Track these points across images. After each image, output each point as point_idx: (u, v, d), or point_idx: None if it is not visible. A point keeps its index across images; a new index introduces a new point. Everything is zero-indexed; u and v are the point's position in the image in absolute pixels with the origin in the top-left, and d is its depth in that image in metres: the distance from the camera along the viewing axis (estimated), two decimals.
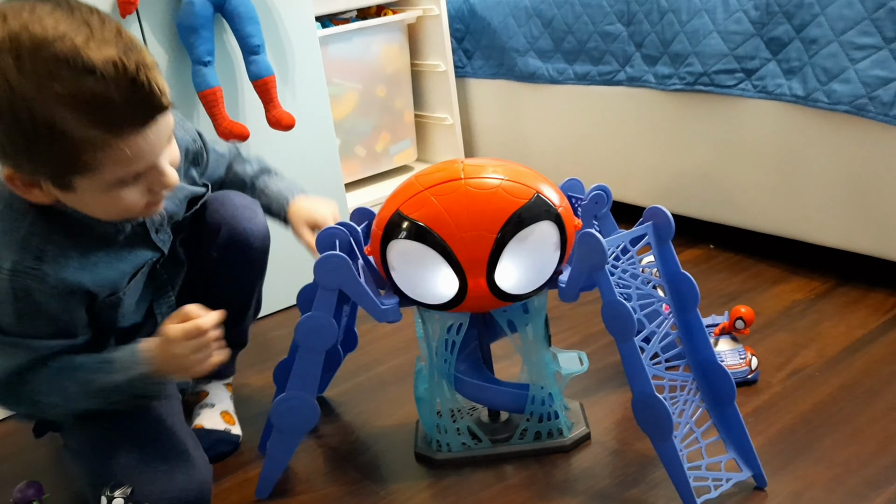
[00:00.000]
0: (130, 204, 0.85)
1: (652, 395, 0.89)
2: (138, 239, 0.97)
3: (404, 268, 0.99)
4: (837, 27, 1.32)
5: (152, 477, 0.92)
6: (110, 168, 0.80)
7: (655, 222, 0.95)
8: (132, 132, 0.78)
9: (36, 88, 0.73)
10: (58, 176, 0.81)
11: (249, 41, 1.40)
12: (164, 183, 0.86)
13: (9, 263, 0.85)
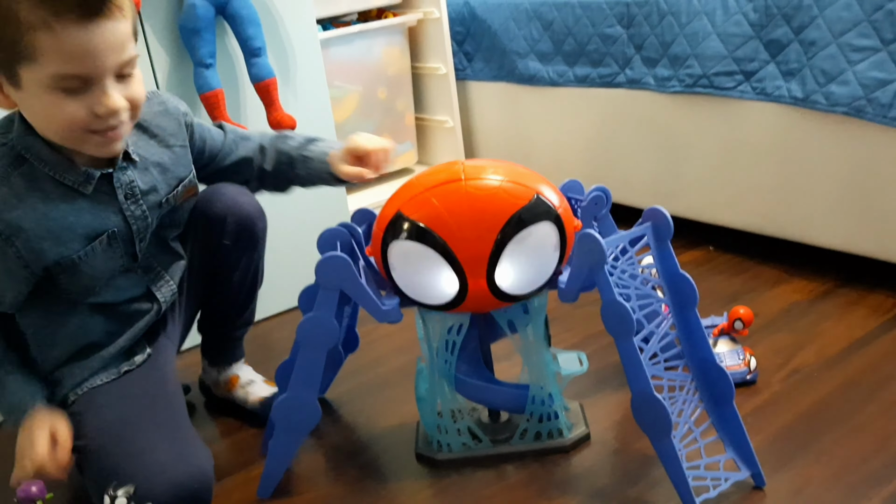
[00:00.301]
0: (69, 117, 0.87)
1: (651, 394, 0.89)
2: (105, 201, 0.98)
3: (405, 268, 0.99)
4: (836, 29, 1.33)
5: (154, 470, 0.93)
6: (50, 59, 0.83)
7: (654, 223, 0.95)
8: (72, 23, 0.82)
9: None
10: (7, 64, 0.85)
11: (251, 43, 1.41)
12: (106, 104, 0.87)
13: None
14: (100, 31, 0.84)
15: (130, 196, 0.99)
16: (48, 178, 0.93)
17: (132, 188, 0.99)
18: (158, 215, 1.05)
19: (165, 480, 0.91)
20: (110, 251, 1.00)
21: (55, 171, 0.93)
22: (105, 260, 1.00)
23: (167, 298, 1.11)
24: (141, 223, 1.01)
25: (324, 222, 1.51)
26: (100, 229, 0.97)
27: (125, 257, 1.02)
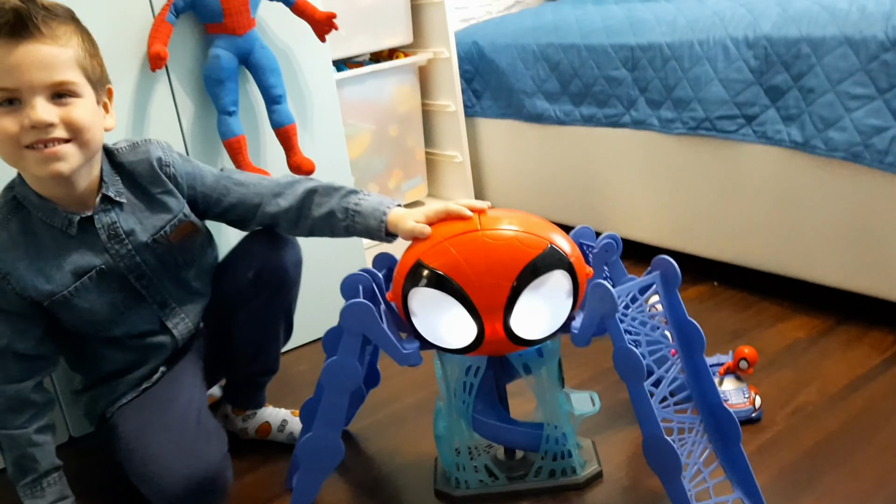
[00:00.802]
0: (5, 130, 0.96)
1: (661, 437, 0.94)
2: (89, 241, 1.08)
3: (425, 314, 1.04)
4: (833, 77, 1.39)
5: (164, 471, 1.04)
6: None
7: (663, 272, 1.00)
8: (3, 43, 0.94)
9: None
10: None
11: (272, 91, 1.47)
12: (31, 116, 0.95)
13: None
14: (24, 50, 0.95)
15: (114, 236, 1.10)
16: (40, 222, 1.06)
17: (114, 229, 1.09)
18: (154, 254, 1.13)
19: (175, 479, 1.03)
20: (104, 287, 1.10)
21: (45, 215, 1.06)
22: (100, 295, 1.10)
23: (183, 334, 1.20)
24: (128, 261, 1.11)
25: (339, 257, 1.57)
26: (86, 267, 1.08)
27: (123, 293, 1.12)
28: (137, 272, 1.13)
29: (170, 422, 1.11)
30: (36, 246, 1.06)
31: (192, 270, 1.19)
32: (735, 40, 1.54)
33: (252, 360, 1.28)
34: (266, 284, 1.20)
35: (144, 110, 1.41)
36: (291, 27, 1.54)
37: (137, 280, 1.13)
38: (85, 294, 1.09)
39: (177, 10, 1.37)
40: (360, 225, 1.11)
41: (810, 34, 1.42)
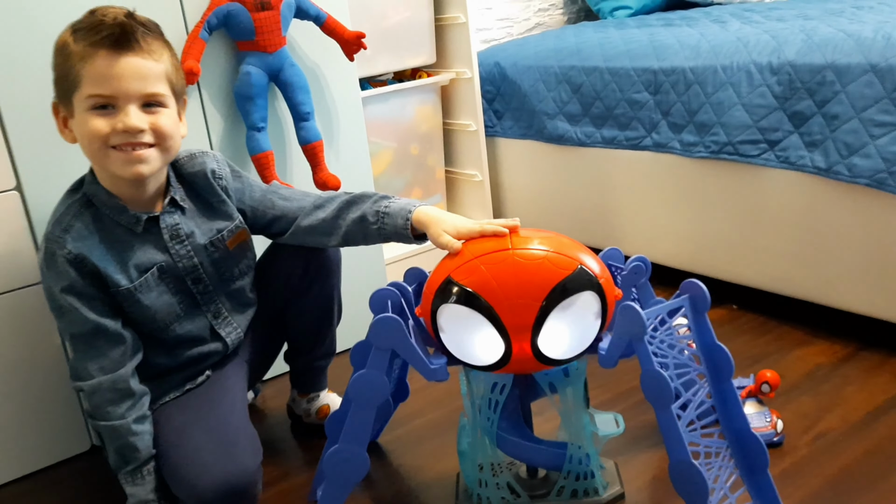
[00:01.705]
0: (97, 129, 1.05)
1: (688, 462, 0.94)
2: (152, 240, 1.16)
3: (453, 330, 1.05)
4: (858, 105, 1.40)
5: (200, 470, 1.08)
6: (87, 83, 1.04)
7: (692, 295, 1.01)
8: (105, 53, 1.04)
9: (69, 30, 1.07)
10: (65, 94, 1.07)
11: (300, 108, 1.50)
12: (125, 122, 1.05)
13: (47, 232, 1.12)
14: (128, 62, 1.05)
15: (175, 237, 1.17)
16: (109, 219, 1.13)
17: (176, 230, 1.17)
18: (210, 259, 1.20)
19: (209, 479, 1.06)
20: (163, 287, 1.17)
21: (113, 213, 1.13)
22: (159, 294, 1.17)
23: (234, 342, 1.27)
24: (187, 262, 1.18)
25: (362, 270, 1.58)
26: (148, 264, 1.15)
27: (180, 295, 1.19)
28: (195, 275, 1.20)
29: (211, 424, 1.14)
30: (107, 239, 1.13)
31: (246, 280, 1.27)
32: (759, 66, 1.56)
33: (312, 346, 1.39)
34: (316, 274, 1.29)
35: None
36: (320, 46, 1.56)
37: (194, 284, 1.20)
38: (146, 291, 1.15)
39: (210, 28, 1.39)
40: (388, 226, 1.16)
41: (835, 61, 1.43)
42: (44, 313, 1.34)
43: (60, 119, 1.11)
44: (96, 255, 1.11)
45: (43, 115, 1.29)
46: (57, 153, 1.31)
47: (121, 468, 1.13)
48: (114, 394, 1.12)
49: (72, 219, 1.12)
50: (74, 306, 1.11)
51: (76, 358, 1.14)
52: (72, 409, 1.41)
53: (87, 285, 1.11)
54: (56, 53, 1.08)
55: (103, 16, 1.06)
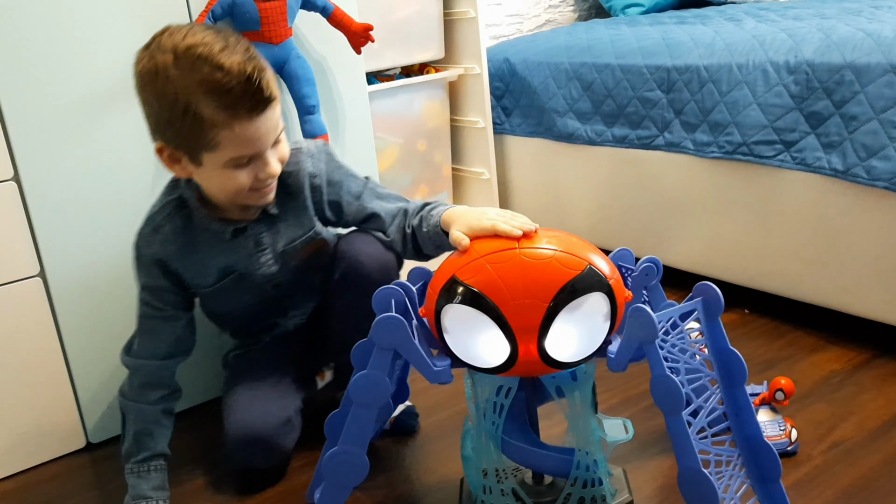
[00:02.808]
0: (239, 184, 1.09)
1: (698, 470, 0.91)
2: (237, 248, 1.21)
3: (458, 331, 1.02)
4: (878, 105, 1.36)
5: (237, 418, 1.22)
6: (228, 148, 1.05)
7: (705, 298, 0.98)
8: (246, 118, 1.04)
9: (183, 78, 1.01)
10: (192, 150, 1.07)
11: (305, 102, 1.47)
12: (267, 171, 1.10)
13: (140, 227, 1.19)
14: (265, 119, 1.06)
15: (258, 245, 1.22)
16: (199, 223, 1.18)
17: (260, 239, 1.22)
18: (285, 262, 1.24)
19: (238, 424, 1.20)
20: (240, 290, 1.24)
21: (205, 218, 1.18)
22: (237, 296, 1.25)
23: (295, 324, 1.35)
24: (266, 269, 1.23)
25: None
26: (229, 270, 1.22)
27: (257, 297, 1.26)
28: (274, 281, 1.25)
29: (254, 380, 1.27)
30: (193, 243, 1.18)
31: (320, 276, 1.29)
32: (775, 65, 1.52)
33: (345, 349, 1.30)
34: (349, 287, 1.23)
35: None
36: (327, 38, 1.54)
37: (273, 289, 1.26)
38: (223, 293, 1.23)
39: (214, 17, 1.36)
40: (431, 231, 1.17)
41: (854, 61, 1.39)
42: (41, 307, 1.32)
43: (166, 157, 1.10)
44: (180, 257, 1.18)
45: (42, 104, 1.27)
46: (55, 143, 1.29)
47: (131, 456, 1.17)
48: (153, 379, 1.20)
49: (163, 220, 1.18)
50: (149, 297, 1.19)
51: (135, 335, 1.21)
52: (67, 404, 1.39)
53: (165, 282, 1.19)
54: (168, 106, 1.03)
55: (226, 71, 1.01)
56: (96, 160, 1.34)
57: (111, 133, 1.34)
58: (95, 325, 1.38)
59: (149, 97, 1.05)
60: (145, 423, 1.18)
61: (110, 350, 1.39)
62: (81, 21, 1.29)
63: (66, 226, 1.32)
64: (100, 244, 1.36)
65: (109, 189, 1.36)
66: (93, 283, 1.36)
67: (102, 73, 1.32)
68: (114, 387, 1.40)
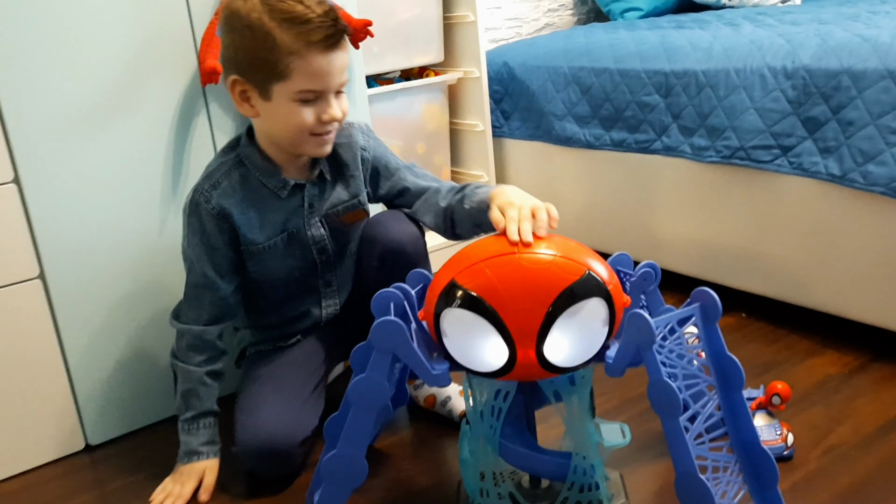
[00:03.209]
0: (303, 120, 1.15)
1: (695, 475, 0.91)
2: (292, 207, 1.26)
3: (456, 335, 1.02)
4: (874, 111, 1.37)
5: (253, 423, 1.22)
6: (298, 79, 1.12)
7: (703, 304, 0.98)
8: (319, 49, 1.11)
9: (268, 10, 1.10)
10: (264, 81, 1.13)
11: None
12: (330, 113, 1.16)
13: (197, 184, 1.23)
14: (336, 56, 1.14)
15: (311, 206, 1.27)
16: (257, 180, 1.23)
17: (313, 200, 1.27)
18: (330, 228, 1.30)
19: (257, 433, 1.19)
20: (290, 250, 1.28)
21: (263, 176, 1.23)
22: (284, 257, 1.28)
23: (328, 315, 1.37)
24: (315, 231, 1.29)
25: None
26: (282, 227, 1.26)
27: (303, 261, 1.30)
28: (320, 245, 1.30)
29: (281, 385, 1.26)
30: (251, 199, 1.23)
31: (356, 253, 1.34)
32: (773, 70, 1.53)
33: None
34: (390, 269, 1.25)
35: (177, 117, 1.41)
36: None
37: (319, 254, 1.30)
38: (274, 251, 1.26)
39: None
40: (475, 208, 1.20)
41: (851, 66, 1.40)
42: (40, 309, 1.32)
43: (238, 93, 1.17)
44: (237, 212, 1.22)
45: (42, 106, 1.28)
46: (56, 146, 1.30)
47: (181, 413, 1.24)
48: (198, 342, 1.24)
49: (221, 176, 1.22)
50: (200, 256, 1.22)
51: (183, 301, 1.26)
52: (66, 406, 1.39)
53: (219, 240, 1.22)
54: (249, 35, 1.11)
55: (307, 6, 1.10)
56: (97, 162, 1.34)
57: (111, 135, 1.35)
58: (95, 327, 1.38)
59: (232, 27, 1.13)
60: (192, 384, 1.24)
61: (109, 352, 1.40)
62: (82, 23, 1.29)
63: (66, 228, 1.33)
64: (100, 246, 1.36)
65: (109, 191, 1.36)
66: (92, 285, 1.36)
67: (103, 76, 1.32)
68: (113, 389, 1.42)
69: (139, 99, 1.36)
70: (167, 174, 1.41)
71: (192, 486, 1.23)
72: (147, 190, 1.39)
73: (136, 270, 1.41)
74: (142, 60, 1.35)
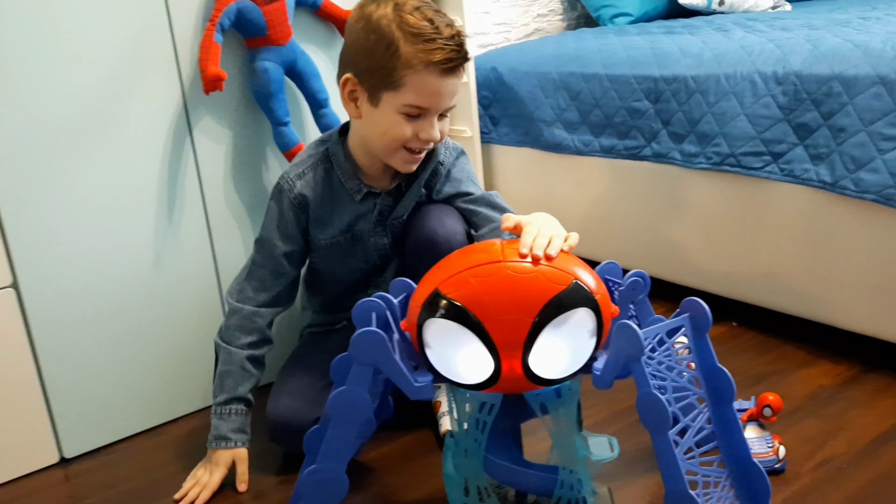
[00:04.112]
0: (402, 134, 1.18)
1: (685, 492, 0.88)
2: (363, 211, 1.30)
3: (440, 346, 0.99)
4: (866, 117, 1.35)
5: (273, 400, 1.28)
6: (409, 93, 1.14)
7: (692, 314, 0.96)
8: (437, 70, 1.13)
9: (398, 20, 1.13)
10: (376, 86, 1.16)
11: (319, 96, 1.49)
12: (429, 133, 1.18)
13: (285, 171, 1.28)
14: (451, 81, 1.16)
15: (380, 215, 1.30)
16: (338, 179, 1.27)
17: (384, 209, 1.30)
18: (394, 234, 1.33)
19: (277, 406, 1.26)
20: (352, 250, 1.32)
21: (343, 176, 1.27)
22: (346, 256, 1.32)
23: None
24: (379, 239, 1.32)
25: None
26: (348, 229, 1.30)
27: (364, 262, 1.34)
28: (383, 251, 1.33)
29: (314, 365, 1.31)
30: (328, 195, 1.27)
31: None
32: (763, 75, 1.51)
33: None
34: (421, 257, 1.24)
35: (157, 124, 1.38)
36: (313, 49, 1.52)
37: (380, 259, 1.34)
38: (336, 249, 1.31)
39: (223, 29, 1.35)
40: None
41: (842, 72, 1.38)
42: (13, 318, 1.29)
43: (347, 92, 1.19)
44: (315, 204, 1.27)
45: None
46: (30, 155, 1.27)
47: (216, 395, 1.24)
48: (248, 322, 1.26)
49: (307, 169, 1.27)
50: (272, 239, 1.27)
51: (242, 279, 1.28)
52: (40, 418, 1.35)
53: (294, 227, 1.27)
54: (374, 39, 1.13)
55: (436, 27, 1.13)
56: (71, 170, 1.30)
57: (86, 144, 1.31)
58: (70, 336, 1.34)
59: (360, 28, 1.16)
60: (230, 366, 1.24)
61: (85, 362, 1.37)
62: (59, 42, 1.26)
63: (40, 236, 1.29)
64: (74, 255, 1.33)
65: (84, 199, 1.32)
66: (68, 294, 1.33)
67: (78, 89, 1.29)
68: (89, 399, 1.38)
69: (117, 112, 1.33)
70: (145, 186, 1.38)
71: (219, 476, 1.23)
72: (124, 200, 1.36)
73: (113, 280, 1.37)
74: (122, 75, 1.32)
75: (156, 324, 1.43)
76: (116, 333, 1.39)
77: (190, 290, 1.46)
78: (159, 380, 1.45)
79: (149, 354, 1.43)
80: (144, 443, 1.43)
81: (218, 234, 1.47)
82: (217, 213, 1.46)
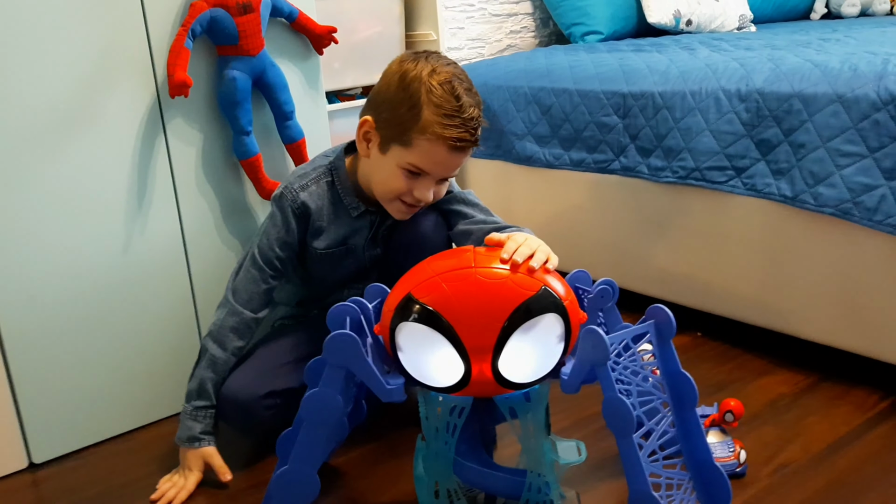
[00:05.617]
0: (397, 187, 1.25)
1: (648, 493, 0.91)
2: (359, 227, 1.35)
3: (412, 350, 1.02)
4: (824, 134, 1.40)
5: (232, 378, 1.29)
6: (416, 154, 1.21)
7: (657, 321, 0.99)
8: (448, 144, 1.19)
9: (428, 87, 1.18)
10: (390, 137, 1.22)
11: (285, 108, 1.50)
12: (423, 194, 1.25)
13: (290, 181, 1.32)
14: (457, 157, 1.22)
15: (376, 234, 1.36)
16: (337, 193, 1.33)
17: (379, 229, 1.36)
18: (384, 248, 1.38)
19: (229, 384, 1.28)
20: (345, 262, 1.37)
21: (343, 192, 1.33)
22: (338, 267, 1.37)
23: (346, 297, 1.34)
24: (371, 251, 1.37)
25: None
26: (343, 241, 1.34)
27: (357, 271, 1.38)
28: (376, 259, 1.38)
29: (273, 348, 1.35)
30: (328, 207, 1.32)
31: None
32: (727, 92, 1.56)
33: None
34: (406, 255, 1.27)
35: (131, 126, 1.39)
36: (288, 59, 1.54)
37: (373, 268, 1.39)
38: (330, 259, 1.35)
39: (194, 35, 1.36)
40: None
41: (802, 90, 1.44)
42: None
43: (363, 132, 1.26)
44: (315, 216, 1.31)
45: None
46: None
47: (192, 398, 1.27)
48: (244, 328, 1.29)
49: (311, 181, 1.31)
50: (273, 246, 1.30)
51: (241, 278, 1.31)
52: (9, 422, 1.34)
53: (294, 236, 1.31)
54: (403, 96, 1.19)
55: (460, 105, 1.18)
56: (42, 173, 1.30)
57: (58, 146, 1.31)
58: (40, 339, 1.34)
59: (394, 80, 1.21)
60: (214, 373, 1.27)
61: (56, 365, 1.36)
62: (35, 43, 1.26)
63: (9, 240, 1.28)
64: (45, 257, 1.32)
65: (54, 201, 1.32)
66: (37, 296, 1.32)
67: (52, 91, 1.29)
68: (59, 404, 1.37)
69: (92, 115, 1.34)
70: (117, 188, 1.38)
71: (195, 479, 1.25)
72: (96, 202, 1.36)
73: (83, 284, 1.37)
74: (97, 78, 1.33)
75: (127, 328, 1.43)
76: (87, 338, 1.38)
77: (162, 294, 1.46)
78: (130, 385, 1.45)
79: (120, 359, 1.43)
80: (114, 448, 1.42)
81: (191, 237, 1.47)
82: (190, 215, 1.47)
